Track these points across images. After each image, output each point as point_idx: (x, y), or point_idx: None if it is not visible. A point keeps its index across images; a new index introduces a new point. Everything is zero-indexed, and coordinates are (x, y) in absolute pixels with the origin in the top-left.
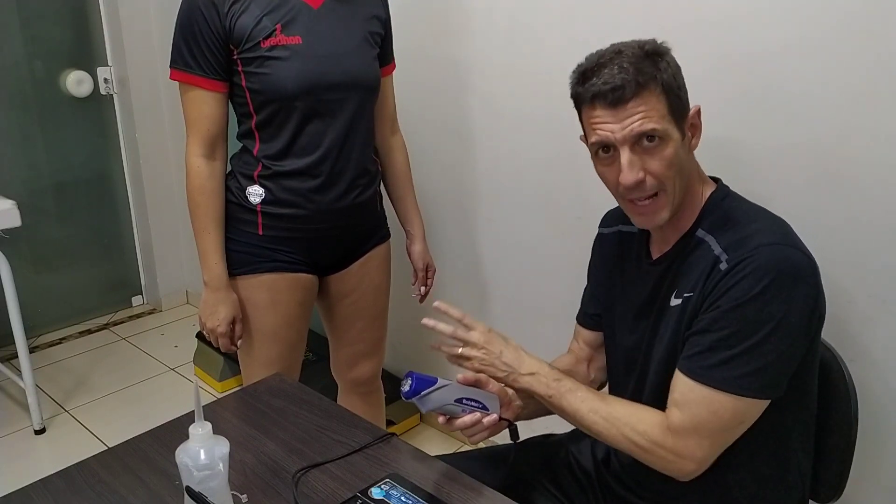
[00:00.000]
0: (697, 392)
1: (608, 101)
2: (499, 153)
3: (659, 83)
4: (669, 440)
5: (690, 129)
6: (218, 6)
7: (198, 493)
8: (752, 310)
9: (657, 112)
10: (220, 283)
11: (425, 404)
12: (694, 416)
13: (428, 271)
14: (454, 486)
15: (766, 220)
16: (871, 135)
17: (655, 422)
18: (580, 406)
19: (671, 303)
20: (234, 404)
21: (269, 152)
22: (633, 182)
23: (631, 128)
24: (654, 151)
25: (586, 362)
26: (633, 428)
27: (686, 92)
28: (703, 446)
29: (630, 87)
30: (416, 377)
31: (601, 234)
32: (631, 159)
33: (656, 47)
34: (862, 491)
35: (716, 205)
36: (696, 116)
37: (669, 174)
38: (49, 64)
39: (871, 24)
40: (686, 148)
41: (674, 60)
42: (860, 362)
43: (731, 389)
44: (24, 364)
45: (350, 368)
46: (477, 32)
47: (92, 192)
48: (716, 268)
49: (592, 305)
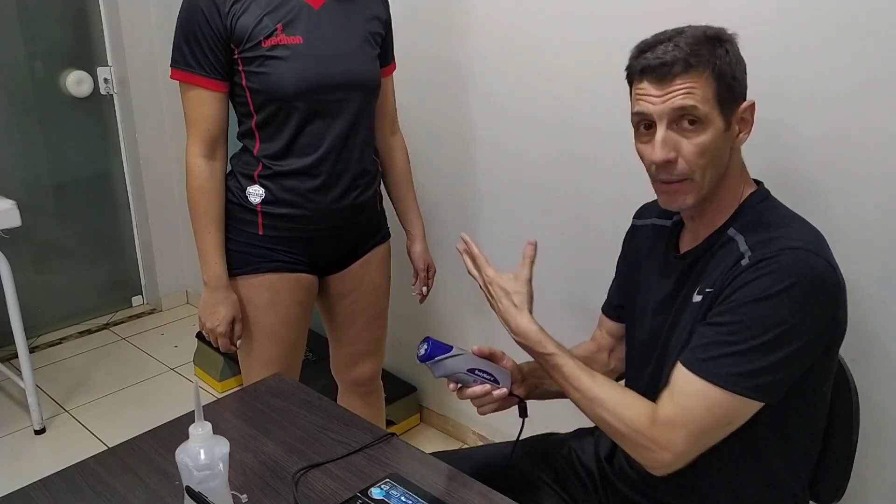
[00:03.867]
0: (694, 384)
1: (656, 75)
2: (499, 153)
3: (711, 66)
4: (651, 430)
5: (740, 124)
6: (219, 6)
7: (198, 493)
8: (764, 309)
9: (702, 93)
10: (219, 283)
11: (438, 369)
12: (686, 409)
13: (428, 271)
14: (454, 486)
15: (800, 225)
16: (871, 134)
17: (642, 410)
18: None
19: (693, 299)
20: (234, 404)
21: (270, 152)
22: (662, 159)
23: (672, 101)
24: (691, 134)
25: (608, 351)
26: (614, 413)
27: (743, 84)
28: (688, 440)
29: (679, 65)
30: (432, 342)
31: (634, 226)
32: (666, 137)
33: (720, 33)
34: (863, 491)
35: (752, 206)
36: (749, 111)
37: (701, 162)
38: (49, 64)
39: (871, 24)
40: (727, 140)
41: (736, 49)
42: (861, 362)
43: (727, 386)
44: (24, 364)
45: (350, 368)
46: (477, 33)
47: (92, 192)
48: (738, 263)
49: (617, 296)
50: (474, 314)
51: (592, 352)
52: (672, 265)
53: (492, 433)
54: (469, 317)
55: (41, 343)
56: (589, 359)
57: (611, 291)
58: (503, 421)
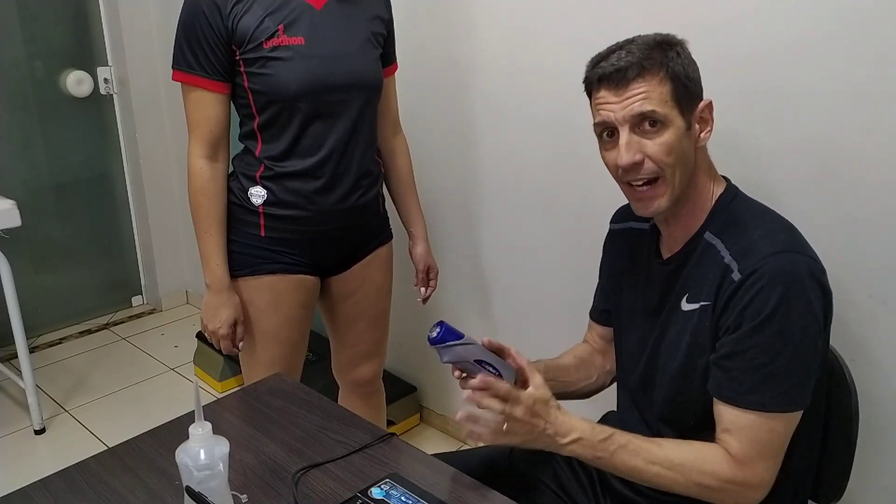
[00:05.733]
0: (747, 418)
1: (612, 82)
2: (501, 153)
3: (664, 68)
4: (738, 472)
5: (700, 123)
6: (220, 6)
7: (198, 493)
8: (774, 327)
9: (659, 96)
10: (221, 285)
11: (445, 354)
12: (753, 442)
13: (430, 273)
14: (454, 486)
15: (773, 223)
16: (872, 134)
17: (720, 457)
18: (635, 461)
19: (683, 306)
20: (234, 404)
21: (272, 153)
22: (629, 163)
23: (631, 107)
24: (654, 136)
25: (600, 354)
26: (699, 470)
27: (698, 84)
28: (769, 468)
29: (633, 69)
30: (445, 326)
31: (612, 231)
32: (629, 140)
33: (668, 38)
34: (863, 491)
35: (724, 207)
36: (707, 110)
37: (668, 160)
38: (49, 64)
39: (871, 24)
40: (691, 140)
41: (686, 52)
42: (860, 362)
43: (778, 408)
44: (24, 364)
45: (351, 370)
46: (479, 33)
47: (92, 192)
48: (727, 277)
49: (603, 301)
50: (476, 315)
51: (588, 353)
52: (655, 271)
53: None
54: (472, 317)
55: (41, 343)
56: (584, 360)
57: (596, 296)
58: None
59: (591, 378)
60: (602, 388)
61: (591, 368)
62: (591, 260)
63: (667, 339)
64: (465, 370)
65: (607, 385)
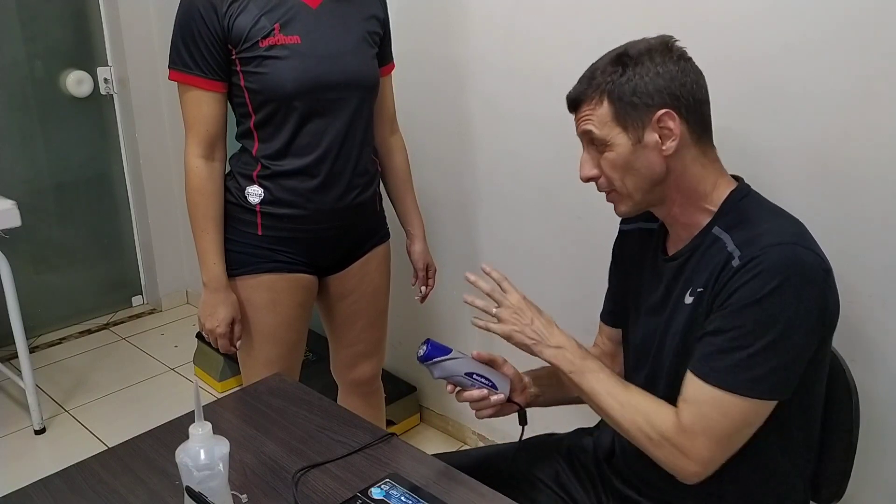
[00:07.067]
0: (707, 393)
1: (569, 107)
2: (499, 153)
3: (603, 92)
4: (677, 437)
5: (659, 132)
6: (216, 6)
7: (198, 493)
8: (761, 311)
9: (598, 118)
10: (219, 284)
11: (436, 371)
12: (703, 416)
13: (428, 271)
14: (454, 486)
15: (782, 219)
16: (872, 134)
17: (670, 418)
18: (599, 387)
19: (685, 300)
20: (234, 404)
21: (268, 152)
22: (584, 177)
23: (580, 128)
24: (604, 151)
25: (611, 357)
26: (646, 418)
27: (650, 96)
28: (710, 448)
29: (579, 97)
30: (431, 343)
31: (622, 232)
32: (585, 157)
33: (624, 54)
34: (863, 492)
35: (733, 204)
36: (666, 119)
37: (615, 175)
38: (49, 64)
39: (871, 24)
40: (648, 151)
41: (645, 67)
42: (861, 362)
43: (740, 391)
44: (24, 364)
45: (350, 369)
46: (476, 33)
47: (92, 192)
48: (728, 264)
49: (612, 303)
50: (475, 314)
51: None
52: (661, 267)
53: (492, 433)
54: (469, 316)
55: (41, 343)
56: None
57: (606, 299)
58: (503, 421)
59: None
60: None
61: None
62: (590, 260)
63: (670, 335)
64: (458, 384)
65: None
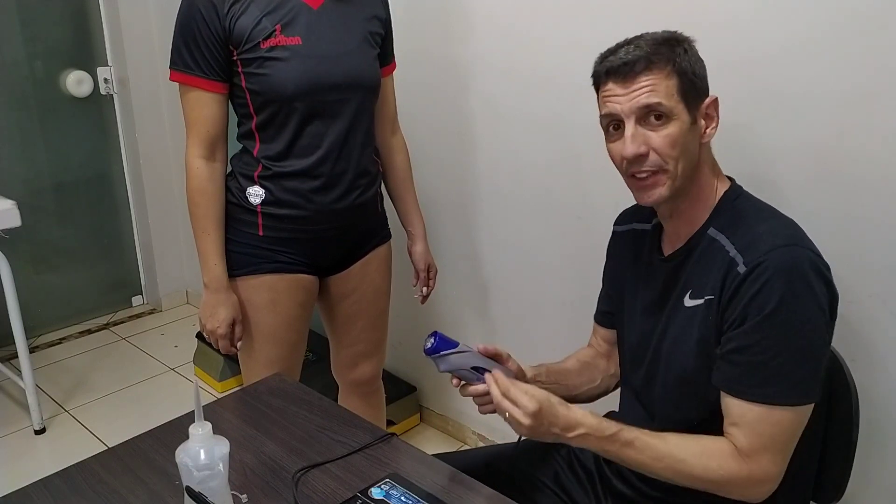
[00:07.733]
0: (755, 412)
1: (620, 75)
2: (499, 154)
3: (671, 63)
4: (744, 466)
5: (705, 119)
6: (217, 7)
7: (198, 493)
8: (780, 320)
9: (666, 89)
10: (219, 284)
11: (442, 364)
12: (760, 435)
13: (429, 272)
14: (454, 486)
15: (776, 220)
16: (872, 134)
17: (725, 450)
18: (642, 458)
19: (686, 302)
20: (234, 404)
21: (270, 153)
22: (633, 154)
23: (637, 99)
24: (659, 128)
25: (605, 357)
26: (705, 465)
27: (704, 81)
28: (776, 462)
29: (641, 63)
30: (439, 336)
31: (616, 233)
32: (635, 132)
33: (676, 35)
34: (863, 492)
35: (728, 204)
36: (713, 107)
37: (672, 153)
38: (49, 64)
39: (871, 24)
40: (695, 135)
41: (694, 49)
42: (861, 362)
43: (786, 401)
44: (24, 364)
45: (351, 369)
46: (478, 33)
47: (92, 192)
48: (733, 270)
49: (606, 303)
50: (476, 314)
51: (591, 357)
52: (657, 268)
53: (492, 433)
54: (470, 317)
55: (41, 343)
56: (588, 364)
57: (600, 299)
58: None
59: (594, 382)
60: (606, 392)
61: (594, 372)
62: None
63: (669, 336)
64: (462, 378)
65: (611, 389)
